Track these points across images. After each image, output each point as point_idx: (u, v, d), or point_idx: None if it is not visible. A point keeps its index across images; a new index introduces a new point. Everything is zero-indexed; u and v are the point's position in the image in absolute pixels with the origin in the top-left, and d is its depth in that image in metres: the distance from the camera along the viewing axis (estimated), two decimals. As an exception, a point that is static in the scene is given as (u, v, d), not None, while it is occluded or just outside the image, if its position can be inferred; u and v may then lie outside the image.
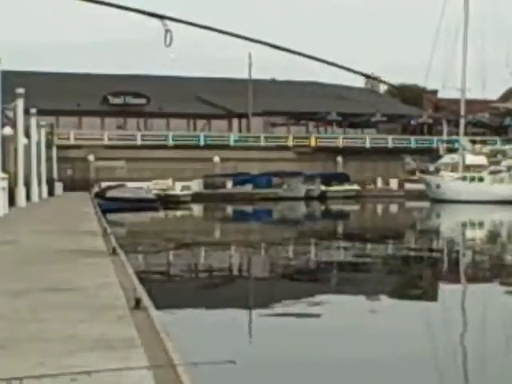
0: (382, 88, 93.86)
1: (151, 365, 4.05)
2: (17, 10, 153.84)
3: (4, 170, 23.36)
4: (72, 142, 63.33)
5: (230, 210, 50.39)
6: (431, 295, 14.04)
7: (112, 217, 32.41)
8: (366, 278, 16.61)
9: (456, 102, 61.09)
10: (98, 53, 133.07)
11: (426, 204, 52.77)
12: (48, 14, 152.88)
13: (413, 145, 72.59)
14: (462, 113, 60.32)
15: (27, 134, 33.19)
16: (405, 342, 9.36)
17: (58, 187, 48.75)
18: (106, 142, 64.57)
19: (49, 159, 46.16)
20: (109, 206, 38.86)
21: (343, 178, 65.11)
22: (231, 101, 69.50)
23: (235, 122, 72.61)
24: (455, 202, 50.49)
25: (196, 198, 56.27)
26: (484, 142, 67.03)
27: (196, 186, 60.84)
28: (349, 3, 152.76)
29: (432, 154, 65.44)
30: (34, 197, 33.05)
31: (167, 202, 51.61)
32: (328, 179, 63.62)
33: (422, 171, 59.30)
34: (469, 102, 61.42)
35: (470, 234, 30.64)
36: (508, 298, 13.81)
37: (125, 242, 19.97)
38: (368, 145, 71.97)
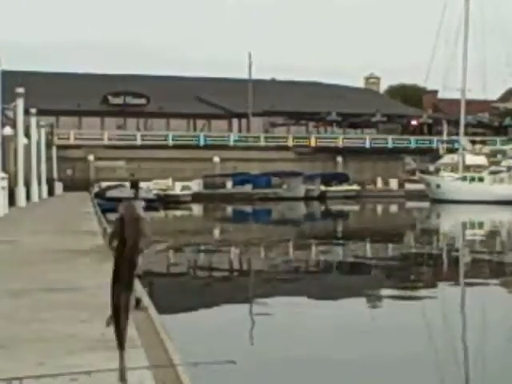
0: (382, 88, 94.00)
1: (151, 365, 4.05)
2: (17, 10, 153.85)
3: (4, 170, 23.35)
4: (72, 141, 63.35)
5: (229, 209, 50.40)
6: (431, 294, 14.03)
7: (112, 217, 32.38)
8: (366, 277, 16.61)
9: (456, 102, 61.11)
10: (98, 53, 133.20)
11: (426, 204, 52.76)
12: (48, 14, 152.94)
13: (413, 145, 72.62)
14: (462, 113, 60.34)
15: (27, 134, 33.17)
16: (404, 341, 9.36)
17: (58, 187, 48.76)
18: (105, 141, 64.59)
19: (49, 159, 46.16)
20: (109, 205, 38.82)
21: (343, 178, 65.08)
22: (231, 101, 69.52)
23: (235, 122, 72.63)
24: (455, 202, 50.48)
25: (196, 197, 56.27)
26: (484, 142, 67.05)
27: (196, 185, 60.83)
28: (349, 3, 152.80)
29: (432, 154, 65.45)
30: (34, 197, 33.04)
31: (167, 201, 51.63)
32: (328, 179, 63.61)
33: (422, 171, 59.30)
34: (469, 102, 61.43)
35: (469, 233, 30.64)
36: (508, 297, 13.83)
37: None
38: (368, 145, 71.98)
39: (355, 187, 64.18)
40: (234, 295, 14.11)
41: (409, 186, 63.63)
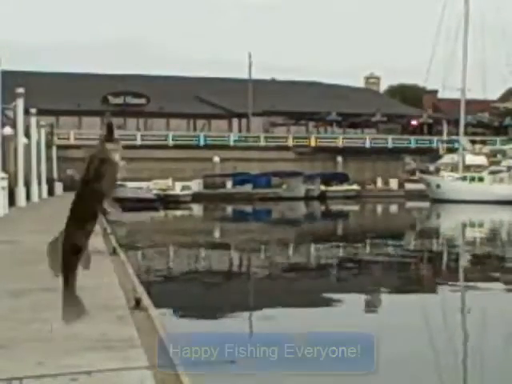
0: (382, 88, 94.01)
1: (151, 365, 4.04)
2: (17, 10, 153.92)
3: (4, 170, 23.33)
4: (72, 142, 63.28)
5: (229, 209, 50.39)
6: (431, 294, 14.04)
7: (112, 217, 32.37)
8: (366, 278, 16.61)
9: (456, 102, 61.13)
10: (98, 53, 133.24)
11: (426, 204, 52.76)
12: (48, 14, 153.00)
13: (413, 145, 72.60)
14: (462, 113, 60.36)
15: (27, 134, 33.14)
16: (404, 341, 9.36)
17: (58, 187, 48.72)
18: (105, 141, 64.51)
19: (49, 159, 46.11)
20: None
21: (343, 178, 65.10)
22: (231, 101, 69.49)
23: (235, 122, 72.61)
24: (455, 202, 50.48)
25: (196, 197, 56.26)
26: (484, 142, 67.06)
27: (196, 186, 60.83)
28: (349, 3, 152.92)
29: (432, 154, 65.49)
30: (34, 197, 33.00)
31: (167, 201, 51.62)
32: (328, 179, 63.62)
33: (422, 171, 59.32)
34: (469, 102, 61.44)
35: (470, 234, 30.64)
36: (508, 297, 13.83)
37: (125, 241, 19.96)
38: (368, 145, 71.96)
39: (355, 187, 64.18)
40: (233, 294, 14.11)
41: (409, 186, 63.62)
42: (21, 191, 27.61)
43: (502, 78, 63.81)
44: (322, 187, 62.60)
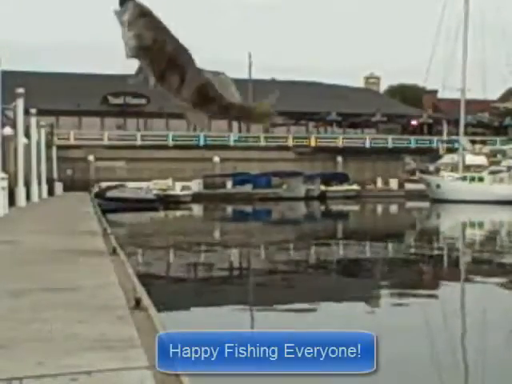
0: (382, 88, 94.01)
1: (151, 365, 4.04)
2: (17, 10, 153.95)
3: (4, 170, 23.31)
4: (72, 141, 63.33)
5: (229, 210, 50.40)
6: (431, 294, 14.04)
7: (112, 217, 32.40)
8: (366, 277, 16.62)
9: (456, 102, 61.15)
10: (98, 53, 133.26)
11: (426, 204, 52.77)
12: (48, 14, 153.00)
13: (413, 145, 72.62)
14: (462, 113, 60.38)
15: (27, 134, 33.12)
16: (405, 342, 9.36)
17: (58, 187, 48.69)
18: (105, 142, 64.56)
19: (49, 159, 46.07)
20: (109, 206, 38.89)
21: (343, 178, 65.12)
22: (231, 101, 69.48)
23: (235, 121, 72.63)
24: (455, 202, 50.50)
25: (196, 198, 56.26)
26: (484, 142, 67.11)
27: (196, 186, 60.82)
28: (349, 3, 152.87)
29: (432, 154, 65.52)
30: (34, 197, 32.98)
31: (167, 202, 51.61)
32: (328, 179, 63.63)
33: (422, 171, 59.34)
34: (469, 102, 61.47)
35: (470, 233, 30.65)
36: (509, 297, 13.84)
37: (125, 241, 19.96)
38: (368, 145, 71.98)
39: (355, 187, 64.20)
40: (233, 294, 14.11)
41: (409, 186, 63.64)
42: (21, 191, 27.59)
43: (502, 78, 64.03)
44: (322, 187, 62.61)
